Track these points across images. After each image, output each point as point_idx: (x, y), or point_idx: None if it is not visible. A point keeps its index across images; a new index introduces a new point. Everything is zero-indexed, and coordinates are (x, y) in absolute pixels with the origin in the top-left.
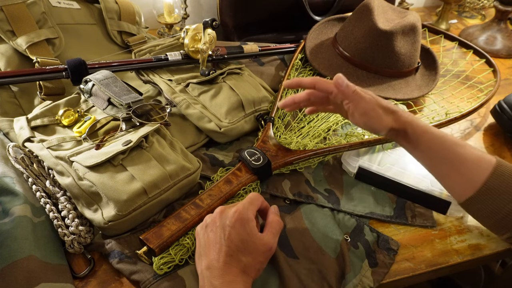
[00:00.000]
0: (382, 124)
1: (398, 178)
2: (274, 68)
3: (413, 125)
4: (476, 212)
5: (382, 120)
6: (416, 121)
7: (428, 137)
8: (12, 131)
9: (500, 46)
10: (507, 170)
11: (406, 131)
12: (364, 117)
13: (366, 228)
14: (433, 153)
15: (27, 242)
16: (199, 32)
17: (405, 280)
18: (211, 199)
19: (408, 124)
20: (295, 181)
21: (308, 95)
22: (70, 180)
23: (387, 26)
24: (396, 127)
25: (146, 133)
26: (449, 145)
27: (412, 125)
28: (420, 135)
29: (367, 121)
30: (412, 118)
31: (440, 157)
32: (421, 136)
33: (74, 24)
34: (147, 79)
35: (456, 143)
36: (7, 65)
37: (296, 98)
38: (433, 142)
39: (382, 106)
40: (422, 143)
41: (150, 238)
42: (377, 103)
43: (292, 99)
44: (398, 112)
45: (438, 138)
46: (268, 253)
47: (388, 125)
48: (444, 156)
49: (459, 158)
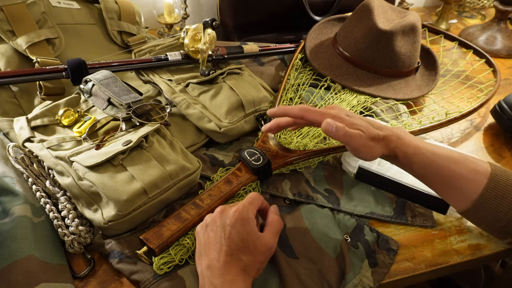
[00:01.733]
0: (373, 155)
1: (398, 178)
2: (274, 68)
3: (403, 149)
4: (476, 222)
5: (373, 151)
6: (406, 144)
7: (419, 159)
8: (12, 131)
9: (500, 46)
10: (502, 179)
11: (396, 156)
12: (356, 152)
13: (366, 228)
14: (425, 172)
15: (27, 242)
16: (199, 32)
17: (405, 280)
18: (211, 199)
19: (397, 149)
20: (295, 181)
21: (294, 122)
22: (70, 180)
23: (387, 26)
24: (387, 154)
25: (146, 133)
26: (441, 162)
27: (401, 149)
28: (411, 157)
29: (359, 155)
30: (401, 143)
31: (432, 175)
32: (412, 158)
33: (74, 24)
34: (147, 79)
35: (448, 159)
36: (7, 65)
37: (282, 123)
38: (425, 163)
39: (372, 137)
40: (414, 164)
41: (150, 238)
42: (366, 137)
43: (277, 125)
44: (388, 138)
45: (430, 157)
46: (268, 253)
47: (379, 153)
48: (436, 174)
49: (452, 174)
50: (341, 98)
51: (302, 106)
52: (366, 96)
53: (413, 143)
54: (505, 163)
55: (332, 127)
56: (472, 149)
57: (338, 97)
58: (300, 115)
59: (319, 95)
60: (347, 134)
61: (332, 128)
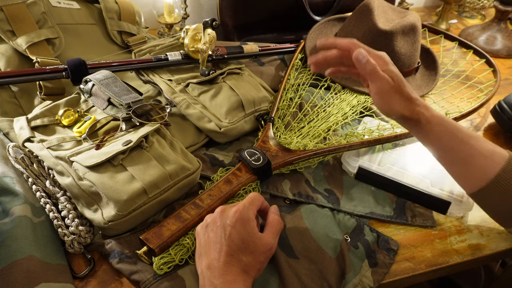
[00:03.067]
0: (393, 109)
1: (398, 178)
2: (274, 68)
3: (427, 115)
4: (485, 203)
5: (394, 104)
6: (431, 112)
7: (441, 129)
8: (12, 131)
9: (500, 46)
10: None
11: (419, 121)
12: (377, 96)
13: (366, 228)
14: (444, 143)
15: (27, 242)
16: (199, 32)
17: (405, 280)
18: (211, 199)
19: (421, 114)
20: (295, 181)
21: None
22: (70, 180)
23: (387, 26)
24: (407, 115)
25: (146, 133)
26: (462, 136)
27: (425, 115)
28: (433, 126)
29: (379, 102)
30: (427, 109)
31: (451, 148)
32: (434, 127)
33: (74, 24)
34: (147, 79)
35: (469, 135)
36: (7, 65)
37: (329, 57)
38: (447, 134)
39: (399, 90)
40: (434, 134)
41: (150, 238)
42: (394, 87)
43: (324, 58)
44: (415, 101)
45: (452, 130)
46: (268, 253)
47: (399, 111)
48: (455, 147)
49: (471, 150)
50: (341, 98)
51: (351, 39)
52: (366, 96)
53: (438, 114)
54: None
55: (363, 57)
56: None
57: (338, 97)
58: (348, 47)
59: (319, 95)
60: (374, 72)
61: (363, 58)
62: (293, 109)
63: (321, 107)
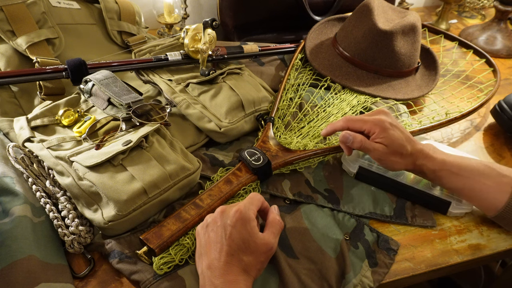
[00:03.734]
0: (395, 168)
1: (398, 178)
2: (274, 68)
3: (428, 166)
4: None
5: (395, 164)
6: (432, 160)
7: (445, 174)
8: (12, 131)
9: (500, 46)
10: None
11: (423, 171)
12: (379, 161)
13: (366, 228)
14: (452, 185)
15: (27, 242)
16: (199, 32)
17: (405, 280)
18: (211, 199)
19: (424, 166)
20: (295, 181)
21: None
22: (70, 180)
23: (387, 26)
24: (411, 169)
25: (146, 133)
26: (467, 175)
27: (427, 166)
28: (438, 173)
29: (380, 164)
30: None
31: (459, 188)
32: (438, 173)
33: (74, 24)
34: (147, 79)
35: (473, 172)
36: (7, 65)
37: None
38: (451, 177)
39: (396, 152)
40: (441, 179)
41: (150, 238)
42: (389, 152)
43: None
44: (415, 155)
45: (455, 171)
46: (269, 253)
47: (402, 167)
48: (462, 186)
49: (478, 186)
50: (341, 98)
51: (344, 118)
52: (366, 96)
53: (439, 159)
54: (505, 163)
55: (347, 139)
56: (472, 149)
57: (338, 97)
58: (346, 127)
59: (319, 95)
60: (364, 147)
61: (348, 140)
62: (293, 109)
63: (321, 107)
